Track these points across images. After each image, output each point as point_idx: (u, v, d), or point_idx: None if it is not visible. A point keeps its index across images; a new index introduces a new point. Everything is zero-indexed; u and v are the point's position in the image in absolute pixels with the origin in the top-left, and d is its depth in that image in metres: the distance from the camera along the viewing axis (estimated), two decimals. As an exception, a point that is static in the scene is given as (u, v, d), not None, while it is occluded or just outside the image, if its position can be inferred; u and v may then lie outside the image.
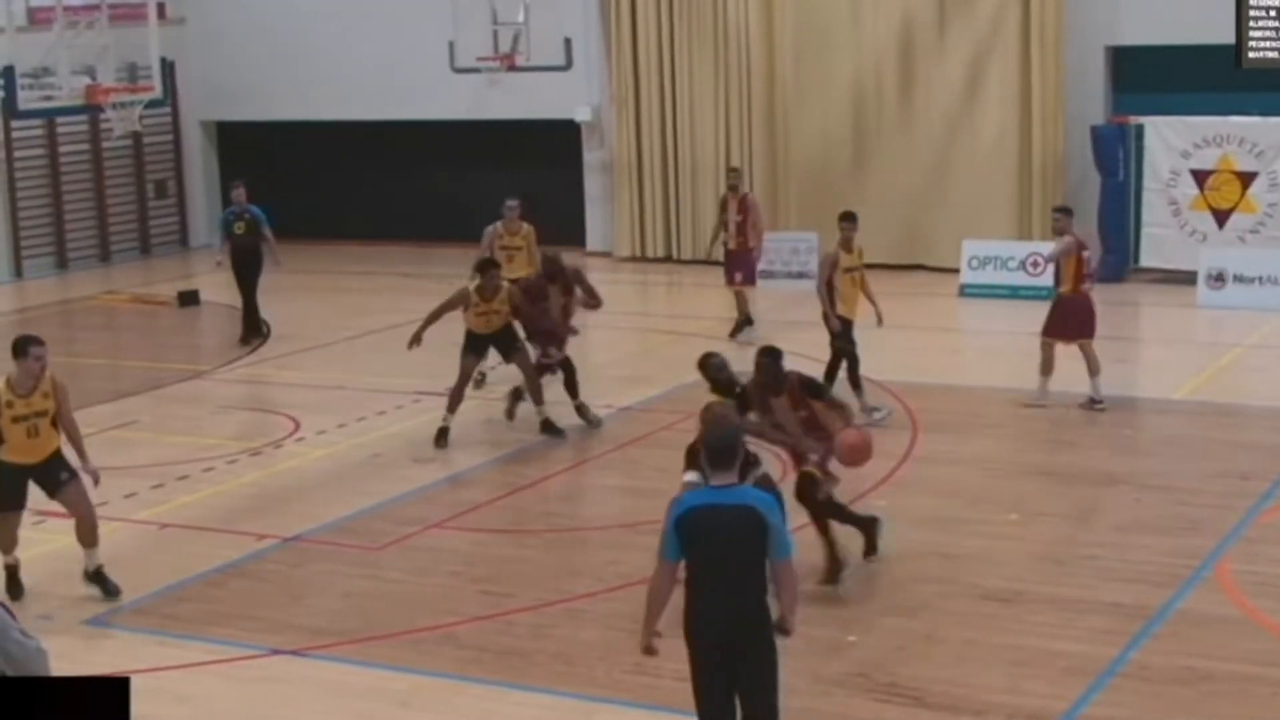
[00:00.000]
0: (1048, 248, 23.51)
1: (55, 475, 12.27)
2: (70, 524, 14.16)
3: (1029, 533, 13.34)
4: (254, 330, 22.04)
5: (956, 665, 10.61)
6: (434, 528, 13.71)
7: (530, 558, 13.14)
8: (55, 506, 14.56)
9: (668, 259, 27.57)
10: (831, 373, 16.49)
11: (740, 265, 21.16)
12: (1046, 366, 17.17)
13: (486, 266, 16.69)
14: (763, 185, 26.84)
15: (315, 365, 20.52)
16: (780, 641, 8.22)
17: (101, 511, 14.43)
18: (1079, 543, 13.07)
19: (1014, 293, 23.26)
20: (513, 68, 26.65)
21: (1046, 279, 23.31)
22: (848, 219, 17.25)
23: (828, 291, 16.77)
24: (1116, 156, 24.29)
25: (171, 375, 20.29)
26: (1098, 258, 17.77)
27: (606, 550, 13.13)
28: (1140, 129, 24.37)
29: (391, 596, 12.33)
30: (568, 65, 26.88)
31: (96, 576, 12.44)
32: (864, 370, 16.90)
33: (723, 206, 21.62)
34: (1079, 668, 10.54)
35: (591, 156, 28.70)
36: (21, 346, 11.92)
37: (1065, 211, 17.51)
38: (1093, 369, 16.95)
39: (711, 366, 11.90)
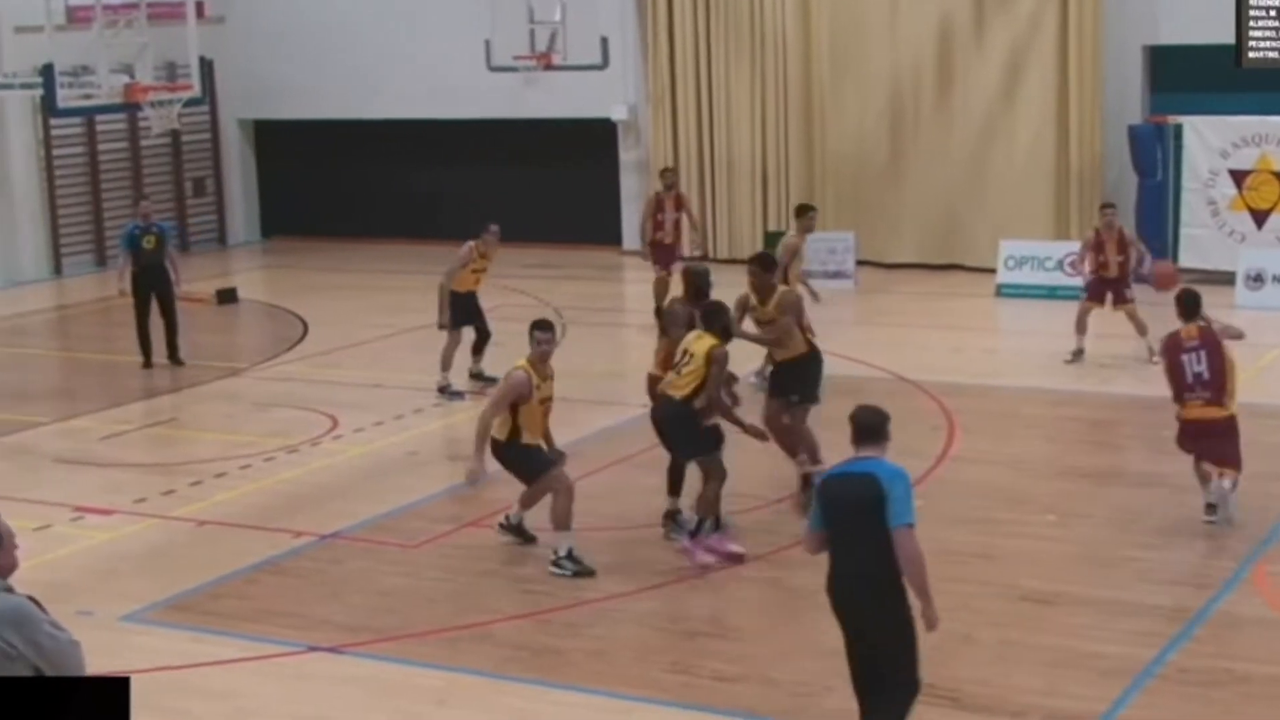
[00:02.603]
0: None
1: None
2: (108, 521, 14.31)
3: (1067, 534, 13.30)
4: (148, 358, 20.48)
5: (994, 666, 10.59)
6: (470, 526, 13.73)
7: (566, 556, 13.15)
8: (94, 503, 14.73)
9: (703, 257, 27.42)
10: None
11: (674, 256, 22.22)
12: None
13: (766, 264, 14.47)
14: (799, 184, 26.83)
15: (352, 363, 20.57)
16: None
17: (140, 509, 14.58)
18: (1117, 544, 13.01)
19: (1051, 293, 23.14)
20: (549, 67, 26.65)
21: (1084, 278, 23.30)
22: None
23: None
24: (1154, 156, 24.18)
25: (209, 373, 20.36)
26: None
27: (642, 549, 13.11)
28: (1178, 129, 24.24)
29: (428, 594, 12.35)
30: (604, 64, 26.87)
31: (518, 529, 13.15)
32: (902, 370, 16.91)
33: (659, 205, 22.45)
34: (1117, 669, 10.51)
35: (627, 156, 28.70)
36: (531, 330, 12.85)
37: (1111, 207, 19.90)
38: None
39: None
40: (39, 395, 19.84)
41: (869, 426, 8.72)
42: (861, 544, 8.51)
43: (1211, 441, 13.14)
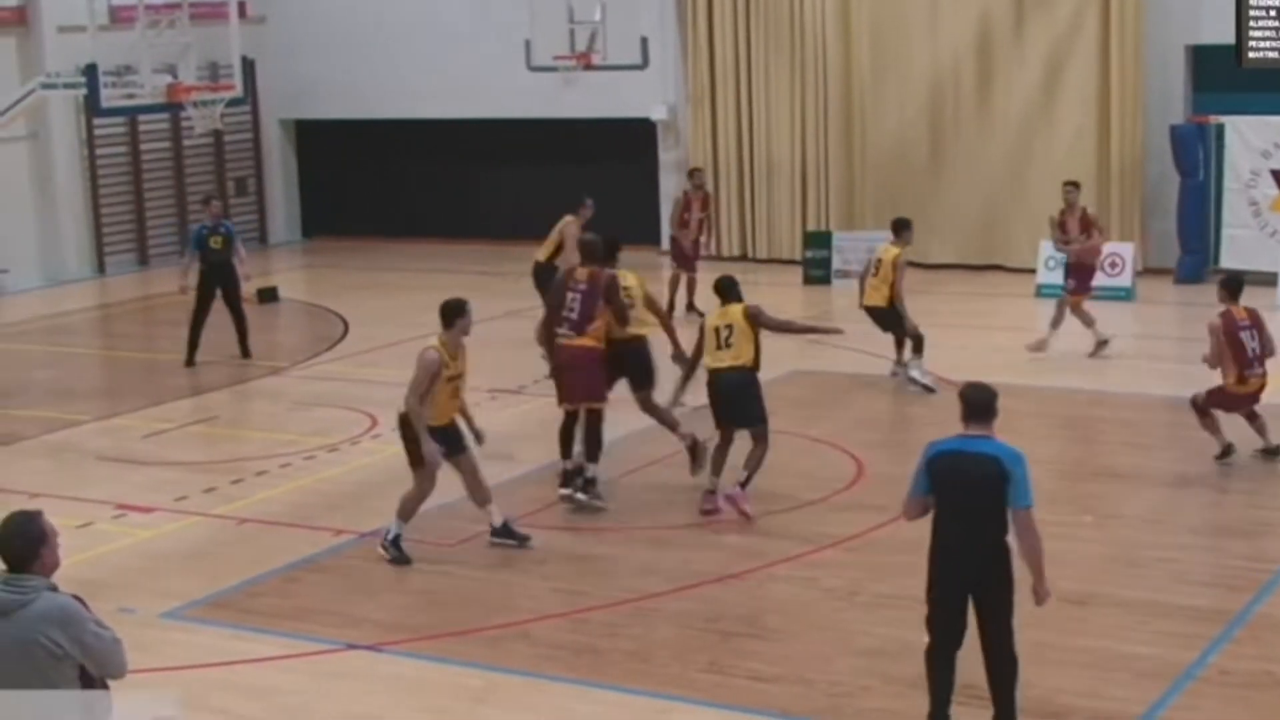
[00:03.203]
0: (1127, 249, 23.54)
1: (460, 438, 13.04)
2: (149, 519, 14.40)
3: (1102, 535, 13.28)
4: (192, 356, 20.61)
5: (1030, 667, 10.51)
6: (508, 525, 13.75)
7: (604, 555, 13.19)
8: (136, 500, 14.84)
9: (743, 258, 27.52)
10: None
11: (695, 257, 22.96)
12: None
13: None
14: (839, 184, 26.82)
15: (392, 362, 20.56)
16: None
17: (181, 506, 14.68)
18: (1154, 545, 12.99)
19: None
20: (589, 66, 26.66)
21: (1124, 279, 23.23)
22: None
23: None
24: (1196, 156, 24.09)
25: (251, 371, 20.47)
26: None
27: (679, 549, 13.15)
28: (1220, 129, 24.15)
29: (466, 593, 12.40)
30: (644, 64, 26.88)
31: (504, 530, 13.19)
32: (941, 370, 16.90)
33: (687, 204, 23.07)
34: (1156, 671, 10.48)
35: (667, 155, 28.72)
36: (461, 309, 13.06)
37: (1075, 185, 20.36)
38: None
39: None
40: (81, 393, 19.98)
41: (980, 404, 9.08)
42: (977, 518, 8.92)
43: (1250, 402, 14.78)
